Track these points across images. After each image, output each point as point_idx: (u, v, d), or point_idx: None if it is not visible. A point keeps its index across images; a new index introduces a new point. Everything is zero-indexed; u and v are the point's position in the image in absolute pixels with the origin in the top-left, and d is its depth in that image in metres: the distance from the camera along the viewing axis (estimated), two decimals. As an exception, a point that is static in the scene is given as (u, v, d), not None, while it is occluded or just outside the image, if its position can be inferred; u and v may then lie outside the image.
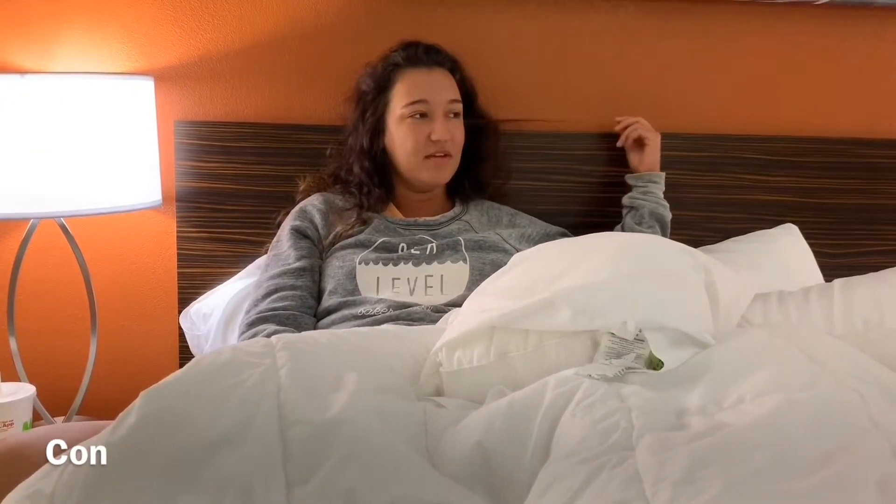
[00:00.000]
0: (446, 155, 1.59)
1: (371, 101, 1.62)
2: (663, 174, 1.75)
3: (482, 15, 1.83)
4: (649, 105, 1.89)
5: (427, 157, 1.58)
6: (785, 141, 1.91)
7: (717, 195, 1.88)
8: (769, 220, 1.89)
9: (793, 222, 1.88)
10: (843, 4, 1.87)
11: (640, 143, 1.75)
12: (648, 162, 1.74)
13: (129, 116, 1.64)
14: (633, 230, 1.68)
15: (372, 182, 1.62)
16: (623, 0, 1.86)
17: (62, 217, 1.62)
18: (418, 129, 1.57)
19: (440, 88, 1.59)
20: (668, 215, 1.73)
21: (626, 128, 1.77)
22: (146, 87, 1.69)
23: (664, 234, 1.71)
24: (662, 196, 1.73)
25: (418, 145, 1.57)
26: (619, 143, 1.78)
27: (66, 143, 1.56)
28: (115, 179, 1.62)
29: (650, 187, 1.73)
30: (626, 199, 1.74)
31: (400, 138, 1.59)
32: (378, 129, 1.62)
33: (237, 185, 1.75)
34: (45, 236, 1.71)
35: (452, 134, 1.59)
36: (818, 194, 1.92)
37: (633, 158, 1.77)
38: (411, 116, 1.57)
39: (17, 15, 1.71)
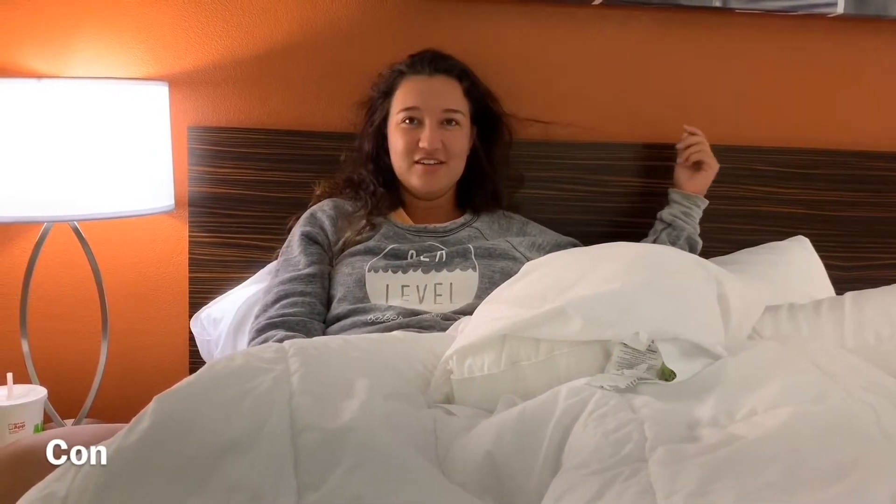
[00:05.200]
0: (438, 162, 1.59)
1: (377, 107, 1.65)
2: (707, 201, 1.73)
3: (494, 23, 1.84)
4: (660, 115, 1.90)
5: (416, 162, 1.59)
6: (797, 153, 1.91)
7: (729, 206, 1.88)
8: (780, 232, 1.89)
9: (804, 234, 1.88)
10: (856, 17, 1.87)
11: (697, 165, 1.72)
12: (699, 185, 1.72)
13: (143, 121, 1.65)
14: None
15: (377, 183, 1.63)
16: (635, 11, 1.86)
17: (75, 220, 1.63)
18: (409, 134, 1.59)
19: (436, 96, 1.60)
20: (700, 242, 1.72)
21: (689, 145, 1.72)
22: (160, 92, 1.70)
23: None
24: (698, 223, 1.72)
25: (407, 150, 1.59)
26: (679, 160, 1.73)
27: (81, 147, 1.57)
28: (128, 184, 1.63)
29: (693, 211, 1.71)
30: (666, 215, 1.72)
31: (393, 143, 1.62)
32: (381, 134, 1.65)
33: (249, 191, 1.76)
34: (58, 239, 1.72)
35: (445, 141, 1.59)
36: (830, 207, 1.92)
37: (683, 175, 1.73)
38: (404, 122, 1.59)
39: (34, 20, 1.73)
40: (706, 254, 1.65)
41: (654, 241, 1.70)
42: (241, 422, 0.90)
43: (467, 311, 1.42)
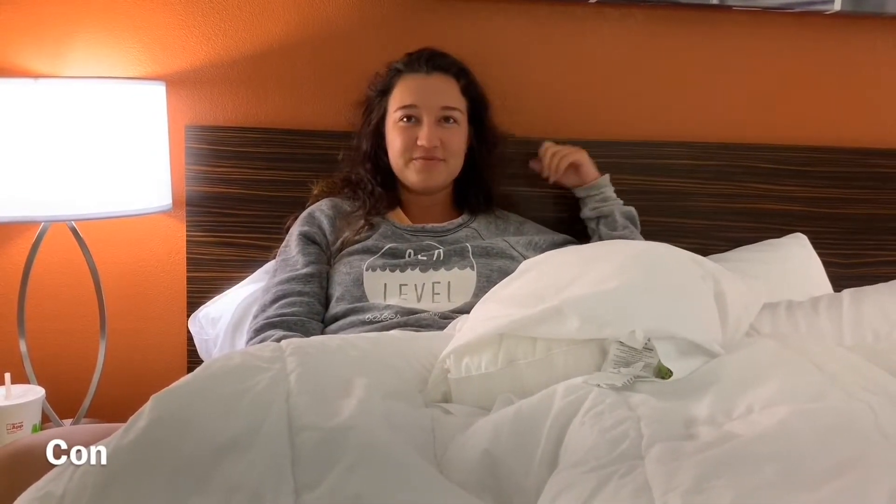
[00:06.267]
0: (434, 159, 1.59)
1: (374, 106, 1.65)
2: (607, 175, 1.73)
3: (493, 22, 1.84)
4: (659, 113, 1.90)
5: (413, 159, 1.59)
6: (794, 150, 1.91)
7: (726, 204, 1.88)
8: (778, 229, 1.89)
9: (802, 232, 1.88)
10: (854, 14, 1.87)
11: (573, 166, 1.72)
12: (588, 175, 1.72)
13: (141, 121, 1.65)
14: (611, 237, 1.67)
15: (375, 182, 1.64)
16: (633, 9, 1.86)
17: (73, 220, 1.63)
18: (407, 133, 1.59)
19: (433, 93, 1.60)
20: (634, 210, 1.72)
21: (550, 157, 1.71)
22: (158, 91, 1.70)
23: (637, 230, 1.71)
24: (616, 195, 1.72)
25: (405, 149, 1.59)
26: (551, 180, 1.73)
27: (78, 146, 1.57)
28: (125, 183, 1.63)
29: (605, 192, 1.72)
30: (589, 212, 1.72)
31: (391, 141, 1.62)
32: (379, 133, 1.64)
33: (247, 190, 1.76)
34: (55, 239, 1.72)
35: (443, 139, 1.59)
36: (827, 204, 1.92)
37: (571, 180, 1.73)
38: (401, 120, 1.59)
39: (31, 19, 1.73)
40: (703, 252, 1.64)
41: (601, 238, 1.69)
42: (238, 421, 0.90)
43: (465, 309, 1.42)
